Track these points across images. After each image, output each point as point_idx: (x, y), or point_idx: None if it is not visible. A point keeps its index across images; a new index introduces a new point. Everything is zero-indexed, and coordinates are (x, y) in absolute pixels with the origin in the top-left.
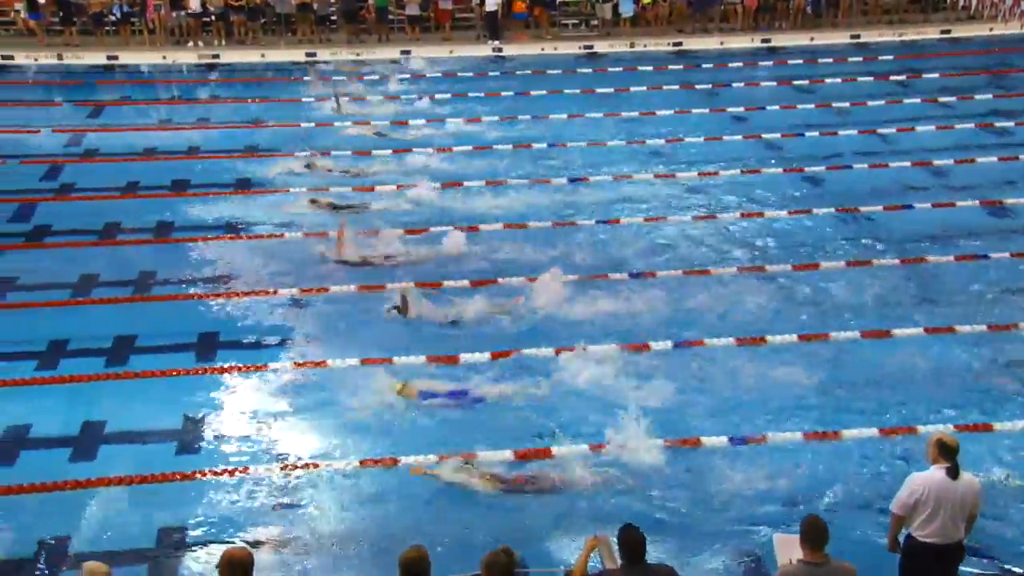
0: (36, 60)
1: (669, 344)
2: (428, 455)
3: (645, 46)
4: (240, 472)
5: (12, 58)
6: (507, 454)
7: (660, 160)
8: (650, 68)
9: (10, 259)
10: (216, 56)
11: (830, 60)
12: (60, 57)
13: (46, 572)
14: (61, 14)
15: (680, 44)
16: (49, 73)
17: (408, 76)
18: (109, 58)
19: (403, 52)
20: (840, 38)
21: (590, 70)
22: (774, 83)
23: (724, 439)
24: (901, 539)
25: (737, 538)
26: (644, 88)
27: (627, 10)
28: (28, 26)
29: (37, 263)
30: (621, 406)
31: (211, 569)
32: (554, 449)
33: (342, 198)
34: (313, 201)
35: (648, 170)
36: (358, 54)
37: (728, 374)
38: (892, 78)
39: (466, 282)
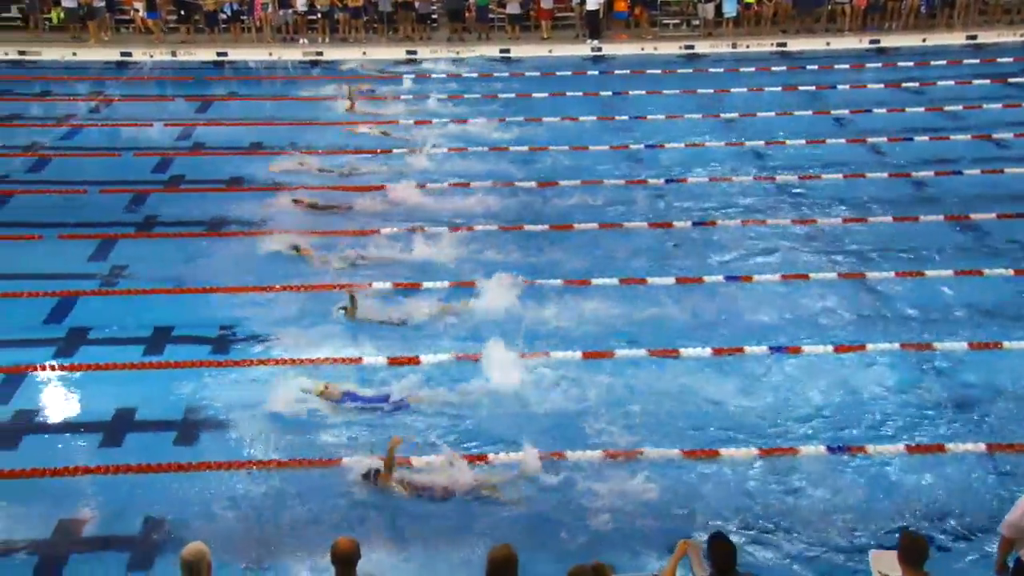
0: (152, 57)
1: (765, 349)
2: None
3: (747, 47)
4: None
5: (130, 55)
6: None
7: (759, 162)
8: (752, 69)
9: (122, 248)
10: (320, 53)
11: (943, 62)
12: (174, 54)
13: (150, 551)
14: (178, 13)
15: (784, 45)
16: (163, 69)
17: (507, 75)
18: (219, 55)
19: (502, 51)
20: (955, 39)
21: (690, 70)
22: (881, 85)
23: (822, 448)
24: (1011, 562)
25: (832, 552)
26: (745, 89)
27: (730, 10)
28: (146, 24)
29: (147, 252)
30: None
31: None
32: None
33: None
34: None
35: (746, 172)
36: (457, 52)
37: (825, 382)
38: (1011, 80)
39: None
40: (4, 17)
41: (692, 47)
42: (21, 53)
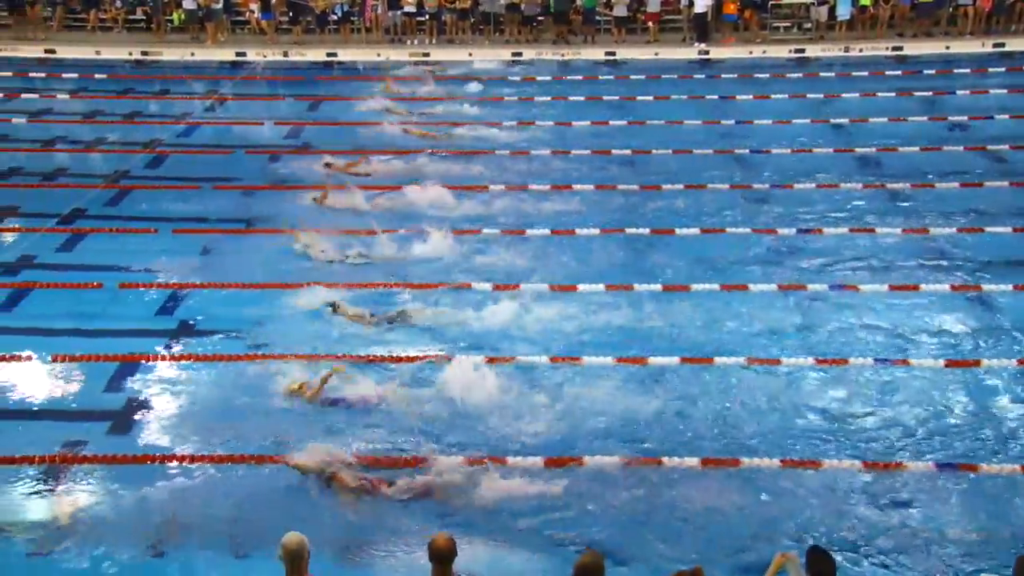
0: (265, 57)
1: (871, 360)
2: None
3: (861, 50)
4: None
5: (244, 55)
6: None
7: (869, 169)
8: (865, 73)
9: (229, 243)
10: (427, 54)
11: None
12: (286, 54)
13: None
14: (290, 14)
15: (900, 49)
16: (275, 69)
17: (611, 78)
18: (329, 55)
19: (607, 53)
20: None
21: (799, 75)
22: (1004, 91)
23: (931, 465)
24: None
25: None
26: (857, 94)
27: (844, 13)
28: (260, 25)
29: (253, 247)
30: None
31: None
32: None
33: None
34: None
35: (855, 179)
36: (563, 55)
37: (936, 397)
38: None
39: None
40: (131, 19)
41: (803, 51)
42: (144, 53)
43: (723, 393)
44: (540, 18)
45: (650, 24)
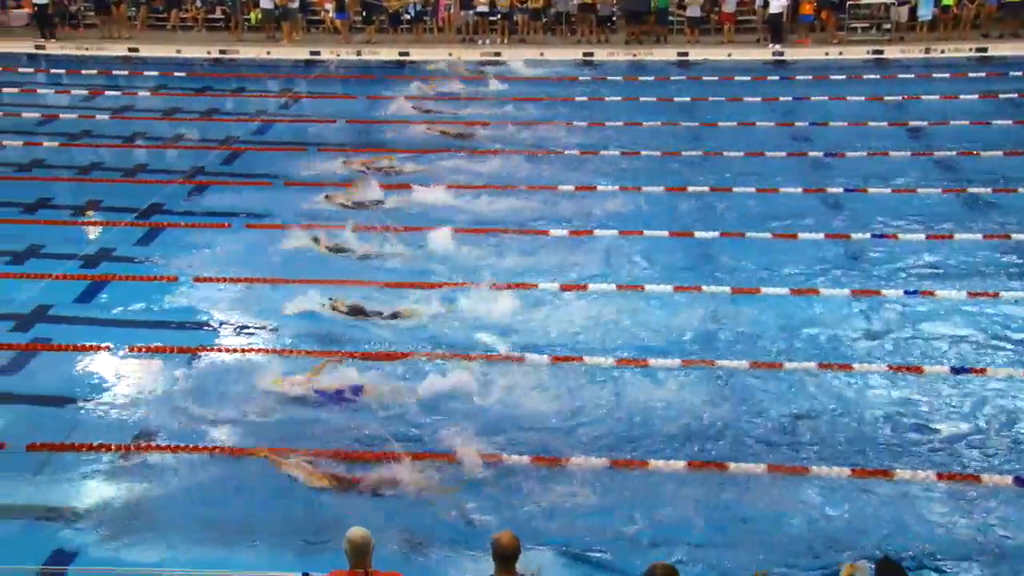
0: (338, 56)
1: (947, 369)
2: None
3: (942, 51)
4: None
5: (319, 53)
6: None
7: (948, 174)
8: (946, 75)
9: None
10: (498, 54)
11: None
12: (359, 53)
13: None
14: (364, 13)
15: (985, 50)
16: (348, 68)
17: (683, 78)
18: (401, 55)
19: (679, 54)
20: None
21: (877, 76)
22: None
23: (1009, 480)
24: None
25: None
26: (936, 97)
27: (925, 13)
28: (334, 24)
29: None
30: None
31: None
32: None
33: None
34: None
35: (935, 183)
36: (634, 55)
37: (1015, 408)
38: None
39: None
40: (210, 18)
41: (881, 52)
42: (222, 52)
43: (792, 399)
44: (614, 18)
45: (725, 25)
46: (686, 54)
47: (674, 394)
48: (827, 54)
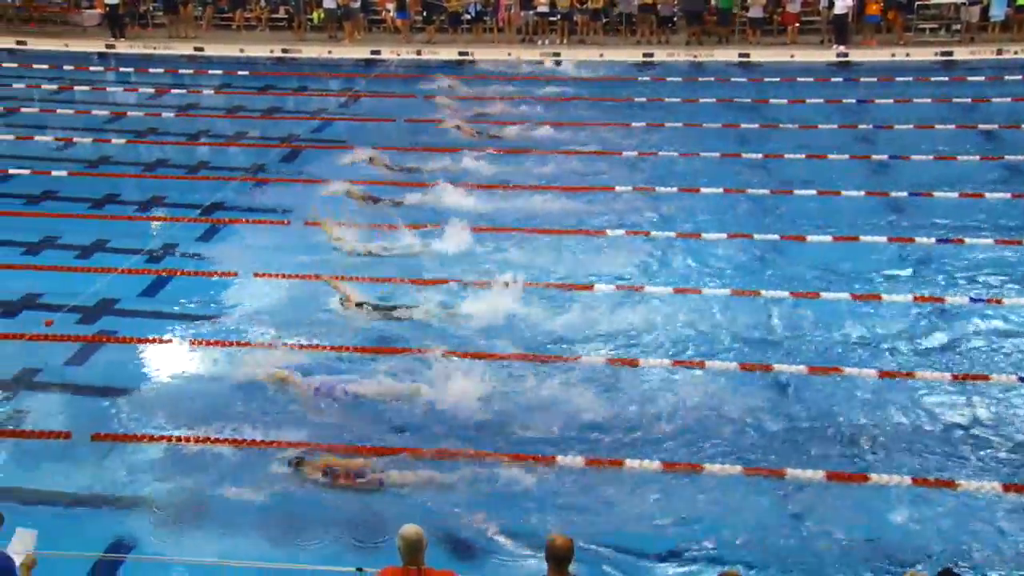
0: (398, 55)
1: (1014, 378)
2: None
3: (1015, 53)
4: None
5: (379, 53)
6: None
7: (1019, 179)
8: (1018, 77)
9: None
10: (557, 54)
11: None
12: (419, 53)
13: None
14: (424, 13)
15: None
16: (407, 67)
17: (744, 80)
18: (460, 54)
19: (741, 55)
20: None
21: (945, 78)
22: None
23: None
24: None
25: None
26: (1008, 99)
27: (998, 13)
28: (395, 24)
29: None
30: None
31: None
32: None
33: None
34: None
35: (1003, 188)
36: (695, 56)
37: None
38: None
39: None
40: (273, 18)
41: (950, 53)
42: (284, 51)
43: (852, 405)
44: (675, 19)
45: (788, 25)
46: (747, 55)
47: (731, 398)
48: (893, 55)
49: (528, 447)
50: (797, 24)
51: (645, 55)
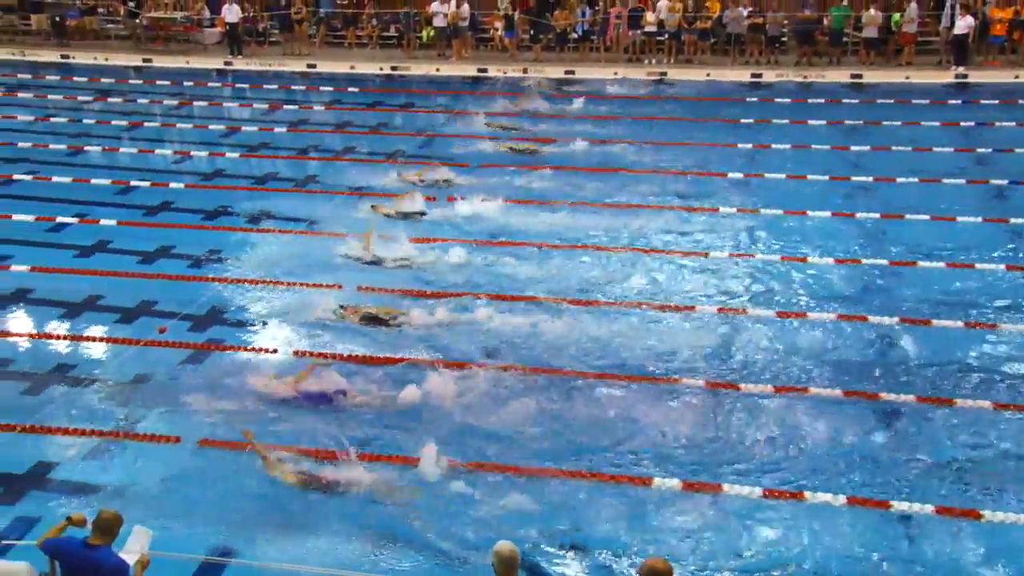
0: (504, 73)
1: None
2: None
3: None
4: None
5: (486, 71)
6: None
7: None
8: None
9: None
10: (663, 74)
11: None
12: (525, 71)
13: None
14: (532, 32)
15: None
16: (512, 85)
17: (856, 101)
18: (567, 72)
19: (852, 76)
20: None
21: None
22: None
23: None
24: None
25: None
26: None
27: None
28: (503, 43)
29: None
30: None
31: None
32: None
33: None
34: None
35: None
36: (805, 77)
37: None
38: None
39: None
40: (384, 36)
41: None
42: (393, 68)
43: (963, 437)
44: (784, 39)
45: (904, 46)
46: (860, 76)
47: (834, 426)
48: (1017, 77)
49: (625, 468)
50: (913, 44)
51: (753, 75)
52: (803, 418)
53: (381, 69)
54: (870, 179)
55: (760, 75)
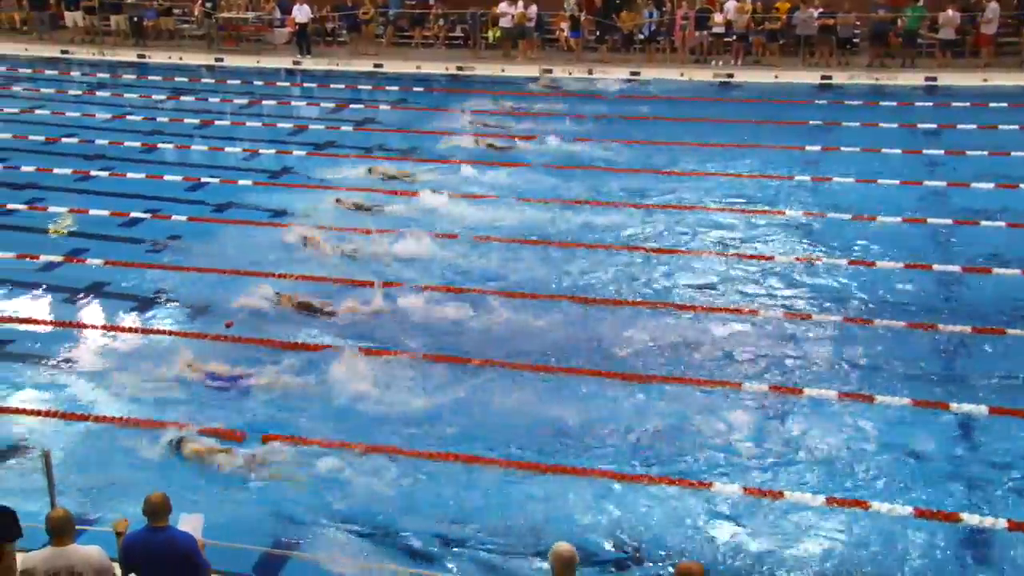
0: (569, 74)
1: None
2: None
3: None
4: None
5: (551, 71)
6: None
7: None
8: None
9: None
10: (731, 76)
11: None
12: (590, 72)
13: None
14: (598, 32)
15: None
16: (570, 86)
17: (930, 104)
18: (632, 74)
19: (927, 78)
20: None
21: None
22: None
23: None
24: None
25: None
26: None
27: None
28: (568, 43)
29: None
30: None
31: None
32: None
33: None
34: None
35: None
36: (877, 79)
37: None
38: None
39: None
40: (450, 36)
41: None
42: (459, 68)
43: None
44: (855, 40)
45: (982, 48)
46: (935, 78)
47: (902, 435)
48: None
49: (685, 472)
50: (992, 46)
51: (823, 77)
52: (868, 426)
53: (447, 69)
54: (943, 184)
55: (830, 77)
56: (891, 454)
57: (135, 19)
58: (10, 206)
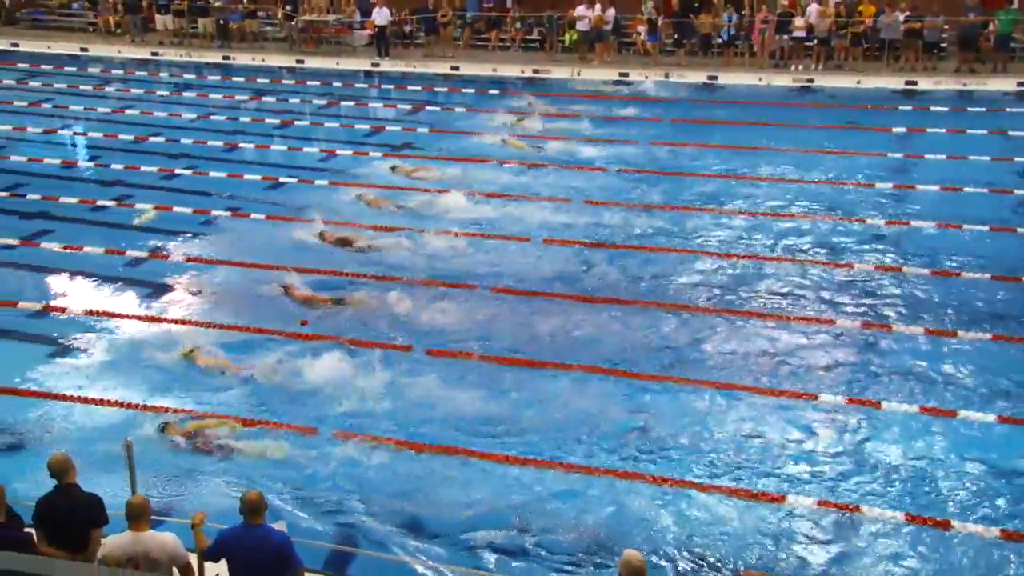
0: (647, 78)
1: None
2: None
3: None
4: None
5: (627, 75)
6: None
7: None
8: None
9: (598, 255)
10: (811, 80)
11: None
12: (667, 75)
13: None
14: (676, 36)
15: None
16: (656, 88)
17: (1022, 110)
18: (709, 78)
19: (1019, 83)
20: None
21: None
22: None
23: None
24: None
25: None
26: None
27: None
28: (645, 47)
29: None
30: None
31: None
32: None
33: None
34: None
35: None
36: (964, 84)
37: None
38: None
39: None
40: (527, 39)
41: None
42: (535, 71)
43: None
44: (943, 44)
45: None
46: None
47: (986, 453)
48: None
49: (760, 484)
50: None
51: (907, 83)
52: (951, 442)
53: (522, 72)
54: (985, 190)
55: (915, 82)
56: (975, 472)
57: (221, 22)
58: (100, 202)
